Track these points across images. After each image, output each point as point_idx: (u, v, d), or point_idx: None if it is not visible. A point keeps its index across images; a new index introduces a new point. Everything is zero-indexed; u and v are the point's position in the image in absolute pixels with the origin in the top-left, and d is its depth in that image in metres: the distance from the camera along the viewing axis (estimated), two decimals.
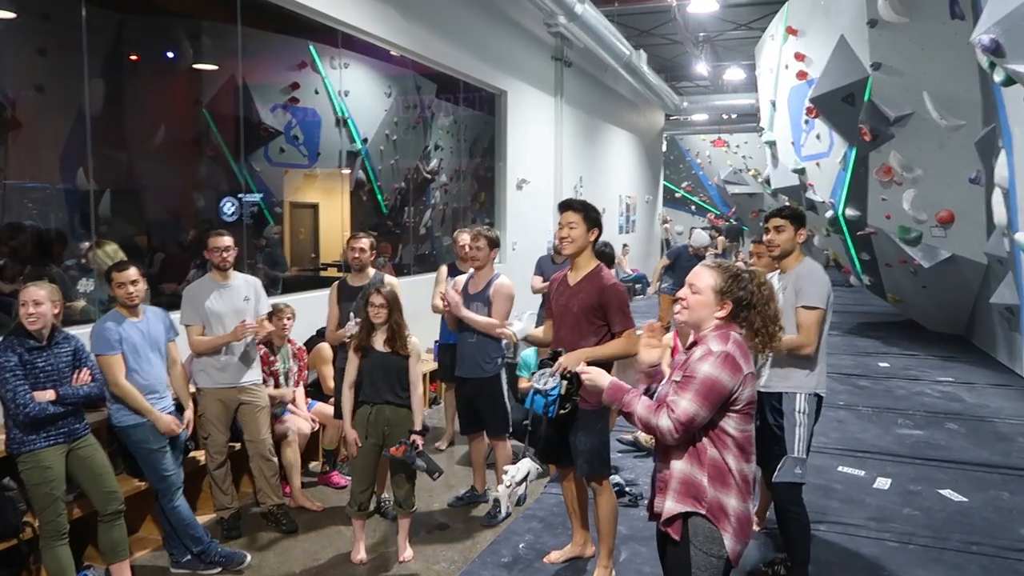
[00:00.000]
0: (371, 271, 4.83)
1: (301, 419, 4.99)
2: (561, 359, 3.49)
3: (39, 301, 3.38)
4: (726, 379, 2.32)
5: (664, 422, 2.34)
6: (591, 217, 3.67)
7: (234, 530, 4.38)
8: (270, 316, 4.68)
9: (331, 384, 5.10)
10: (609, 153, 15.40)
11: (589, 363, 3.42)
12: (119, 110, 7.63)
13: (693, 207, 25.22)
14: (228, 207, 8.48)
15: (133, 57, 8.03)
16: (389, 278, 4.83)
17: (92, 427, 3.71)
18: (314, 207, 10.75)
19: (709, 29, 14.17)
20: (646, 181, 19.23)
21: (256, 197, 8.82)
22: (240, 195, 8.12)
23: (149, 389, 3.83)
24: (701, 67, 15.59)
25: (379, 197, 10.28)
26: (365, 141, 9.58)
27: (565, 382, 3.47)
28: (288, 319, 5.01)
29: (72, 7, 5.30)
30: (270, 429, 4.55)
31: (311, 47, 8.81)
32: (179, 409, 4.11)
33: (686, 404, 2.32)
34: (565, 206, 3.71)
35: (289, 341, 5.14)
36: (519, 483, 3.80)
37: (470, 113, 10.47)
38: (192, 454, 4.46)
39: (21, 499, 3.53)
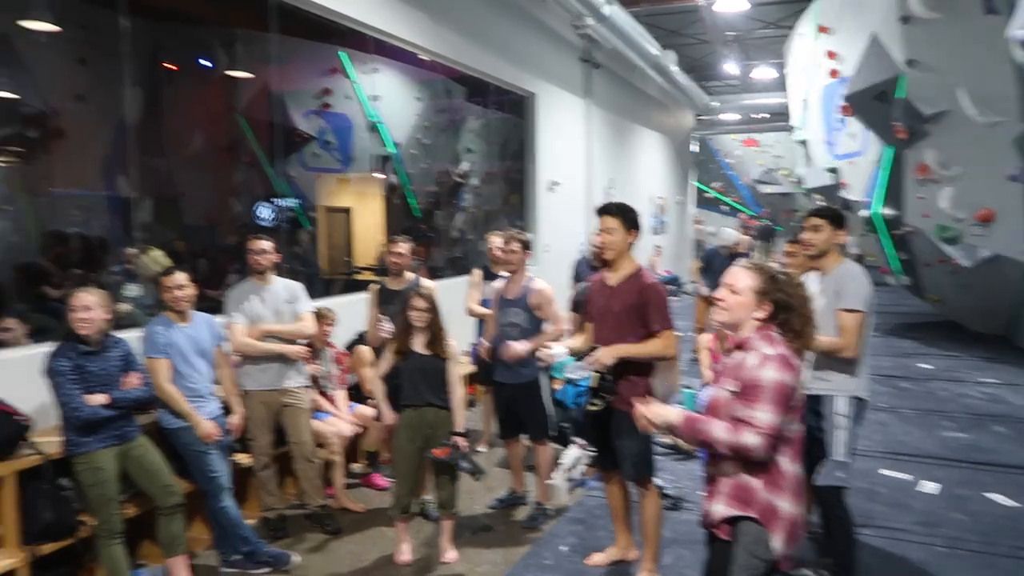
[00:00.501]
0: (409, 275, 4.87)
1: (343, 421, 5.04)
2: (596, 353, 3.52)
3: (89, 306, 3.47)
4: (790, 380, 2.32)
5: (752, 440, 2.30)
6: (629, 219, 3.70)
7: (280, 531, 4.44)
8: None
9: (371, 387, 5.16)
10: (639, 154, 15.35)
11: (626, 360, 3.48)
12: (157, 118, 7.79)
13: (725, 208, 25.02)
14: (264, 212, 8.62)
15: (170, 66, 8.20)
16: (426, 281, 4.87)
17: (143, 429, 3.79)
18: (347, 211, 10.87)
19: (738, 28, 14.06)
20: (676, 182, 19.13)
21: (292, 202, 8.95)
22: (276, 200, 8.24)
23: (195, 393, 3.90)
24: (730, 66, 15.47)
25: (411, 200, 10.36)
26: (397, 145, 9.67)
27: (597, 375, 3.49)
28: (329, 325, 5.07)
29: (111, 18, 5.41)
30: (312, 430, 4.59)
31: (342, 53, 8.92)
32: (227, 412, 4.18)
33: (765, 416, 2.29)
34: (603, 211, 3.73)
35: (329, 345, 5.20)
36: (571, 468, 3.79)
37: (500, 116, 10.51)
38: (237, 456, 4.52)
39: (77, 499, 3.61)
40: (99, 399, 3.45)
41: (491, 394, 5.40)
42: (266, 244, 4.39)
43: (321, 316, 4.94)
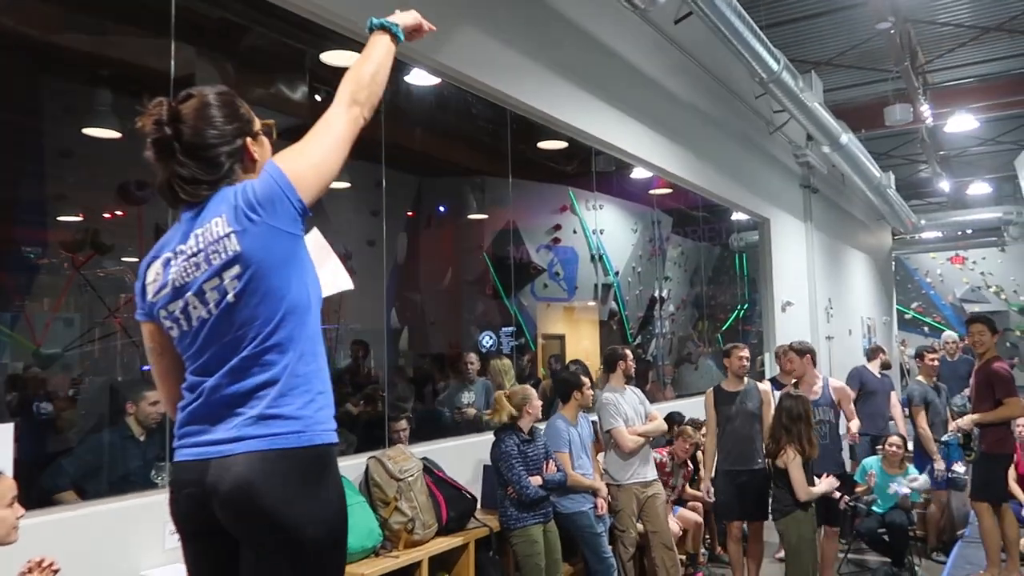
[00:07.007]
0: (745, 379, 5.55)
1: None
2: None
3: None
4: None
5: None
6: (991, 327, 5.15)
7: None
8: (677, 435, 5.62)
9: None
10: (850, 275, 15.70)
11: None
12: (417, 258, 9.24)
13: (926, 328, 24.25)
14: (486, 340, 9.72)
15: (426, 212, 9.75)
16: (762, 385, 5.56)
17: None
18: (561, 337, 11.85)
19: (953, 147, 14.50)
20: (881, 302, 19.10)
21: (511, 330, 10.03)
22: (503, 328, 9.33)
23: None
24: (943, 184, 15.76)
25: (626, 326, 11.22)
26: (617, 274, 10.71)
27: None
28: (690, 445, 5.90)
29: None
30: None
31: (570, 192, 10.20)
32: None
33: None
34: (973, 320, 5.27)
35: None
36: None
37: (692, 244, 11.41)
38: None
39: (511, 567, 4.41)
40: (536, 480, 4.31)
41: None
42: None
43: (687, 435, 5.77)
